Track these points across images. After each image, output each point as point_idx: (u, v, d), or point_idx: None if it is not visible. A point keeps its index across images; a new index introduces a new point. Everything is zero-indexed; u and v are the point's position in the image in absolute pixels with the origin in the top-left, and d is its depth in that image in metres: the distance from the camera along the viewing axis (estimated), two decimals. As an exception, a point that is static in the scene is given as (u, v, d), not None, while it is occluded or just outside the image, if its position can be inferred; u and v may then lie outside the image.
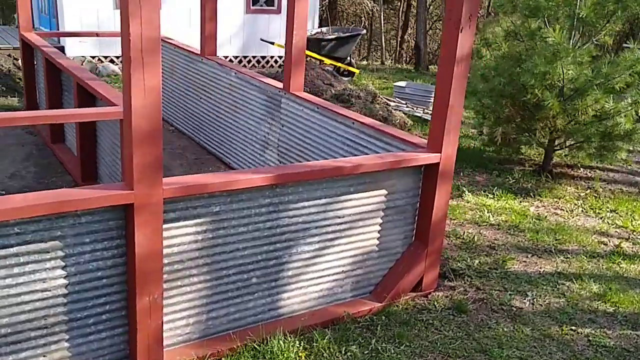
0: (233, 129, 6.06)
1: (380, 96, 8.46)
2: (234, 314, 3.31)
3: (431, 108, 9.30)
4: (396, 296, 3.79)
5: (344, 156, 4.46)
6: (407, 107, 9.22)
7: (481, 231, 5.01)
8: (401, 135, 4.01)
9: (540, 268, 4.41)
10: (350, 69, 12.76)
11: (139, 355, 2.90)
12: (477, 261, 4.40)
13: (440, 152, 3.68)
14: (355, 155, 4.27)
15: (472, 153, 7.15)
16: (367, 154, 4.15)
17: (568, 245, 4.86)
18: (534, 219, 5.35)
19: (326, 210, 3.44)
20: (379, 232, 3.73)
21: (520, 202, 5.82)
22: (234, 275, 3.23)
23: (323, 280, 3.60)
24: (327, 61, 12.17)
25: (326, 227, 3.48)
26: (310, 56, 11.94)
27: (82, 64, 10.67)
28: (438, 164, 3.70)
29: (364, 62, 18.37)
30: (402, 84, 10.43)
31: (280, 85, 5.20)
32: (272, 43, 12.18)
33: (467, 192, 5.87)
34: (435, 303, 3.80)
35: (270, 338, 3.24)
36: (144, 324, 2.86)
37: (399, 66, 17.92)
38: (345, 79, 12.82)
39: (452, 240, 4.76)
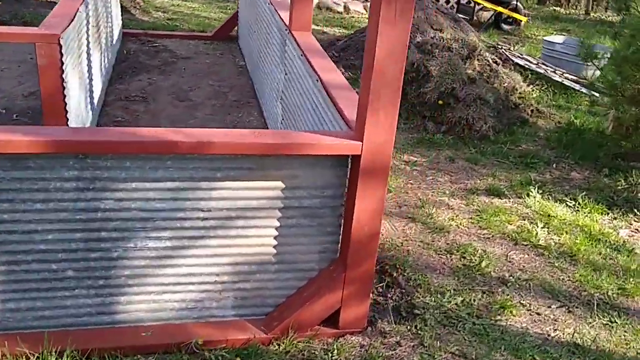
0: (264, 71, 5.15)
1: (488, 52, 6.80)
2: (43, 311, 2.57)
3: (585, 74, 7.35)
4: (296, 328, 2.72)
5: (309, 128, 3.35)
6: (546, 69, 7.34)
7: (510, 254, 3.57)
8: (344, 106, 2.78)
9: (559, 331, 2.94)
10: (516, 15, 10.74)
11: None
12: (460, 300, 3.07)
13: (362, 140, 2.44)
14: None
15: (586, 139, 5.34)
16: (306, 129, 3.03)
17: (634, 300, 3.24)
18: (612, 249, 3.71)
19: (178, 197, 2.47)
20: (276, 238, 2.66)
21: (612, 219, 4.11)
22: (35, 263, 2.46)
23: (184, 288, 2.67)
24: (489, 5, 10.35)
25: (181, 221, 2.52)
26: (463, -4, 10.25)
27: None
28: (359, 156, 2.47)
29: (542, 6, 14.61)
30: (557, 39, 8.38)
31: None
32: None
33: (535, 191, 4.31)
34: (335, 355, 2.65)
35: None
36: None
37: (598, 15, 14.53)
38: (507, 27, 10.88)
39: (451, 260, 3.43)
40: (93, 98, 4.67)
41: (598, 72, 6.46)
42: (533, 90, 6.65)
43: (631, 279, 3.41)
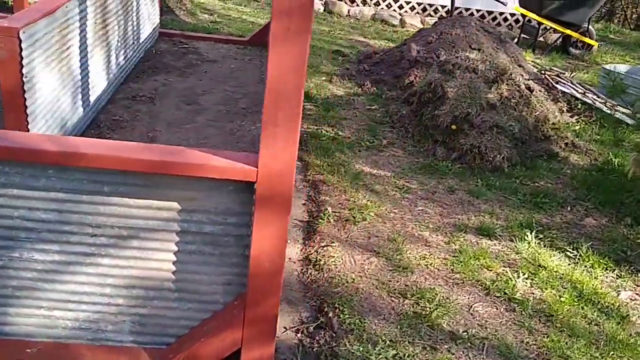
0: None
1: (530, 76, 6.27)
2: None
3: None
4: (193, 364, 2.48)
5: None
6: (594, 100, 6.70)
7: (475, 305, 3.15)
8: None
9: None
10: (587, 40, 10.01)
11: None
12: (391, 354, 2.71)
13: (257, 166, 2.16)
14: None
15: (614, 180, 4.76)
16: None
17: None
18: (601, 313, 3.22)
19: (63, 209, 2.29)
20: (174, 263, 2.43)
21: (617, 278, 3.60)
22: None
23: (77, 307, 2.48)
24: (556, 27, 9.68)
25: (69, 235, 2.34)
26: (526, 15, 9.64)
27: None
28: (252, 183, 2.19)
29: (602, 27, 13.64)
30: (619, 67, 7.67)
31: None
32: (505, 4, 10.17)
33: (531, 235, 3.85)
34: (222, 400, 2.38)
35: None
36: None
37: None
38: (576, 52, 10.15)
39: (402, 305, 3.06)
40: (88, 96, 4.63)
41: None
42: (576, 122, 6.08)
43: (612, 353, 2.93)
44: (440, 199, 4.28)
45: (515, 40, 9.43)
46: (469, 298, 3.21)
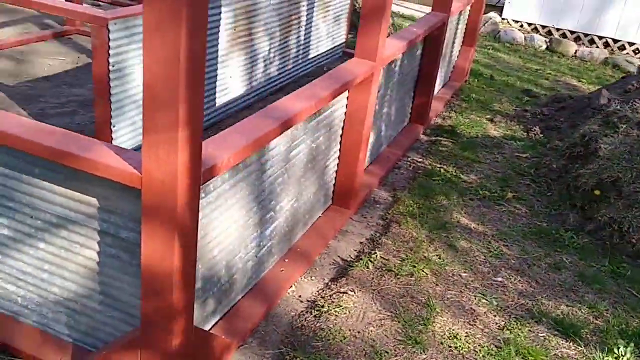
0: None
1: None
2: None
3: None
4: (102, 375, 2.30)
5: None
6: None
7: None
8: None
9: None
10: None
11: None
12: None
13: (140, 171, 1.89)
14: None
15: None
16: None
17: None
18: None
19: (5, 185, 2.30)
20: (98, 264, 2.29)
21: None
22: None
23: (24, 285, 2.48)
24: None
25: (12, 212, 2.34)
26: None
27: (484, 24, 9.60)
28: (138, 190, 1.92)
29: None
30: None
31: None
32: None
33: (628, 347, 2.82)
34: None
35: None
36: None
37: None
38: None
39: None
40: (213, 97, 4.77)
41: None
42: None
43: None
44: (535, 275, 3.43)
45: None
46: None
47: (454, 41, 6.21)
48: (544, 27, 9.71)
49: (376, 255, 3.35)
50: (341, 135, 3.60)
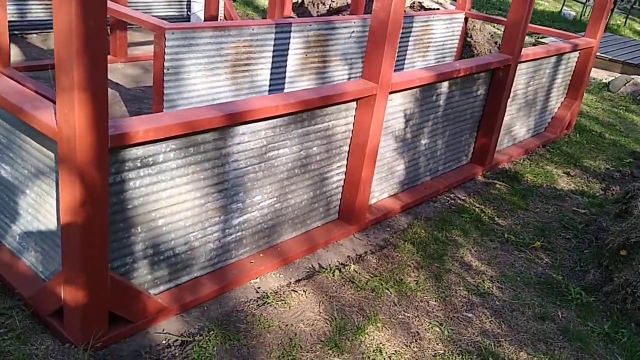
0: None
1: None
2: None
3: None
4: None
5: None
6: None
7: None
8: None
9: None
10: None
11: None
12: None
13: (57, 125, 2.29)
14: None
15: None
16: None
17: None
18: None
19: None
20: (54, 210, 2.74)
21: None
22: None
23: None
24: None
25: None
26: None
27: (625, 84, 8.92)
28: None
29: None
30: None
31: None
32: None
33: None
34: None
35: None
36: None
37: None
38: None
39: (272, 370, 2.56)
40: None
41: None
42: None
43: None
44: (512, 320, 3.24)
45: None
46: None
47: (548, 90, 5.99)
48: (698, 93, 8.76)
49: (349, 268, 3.44)
50: (348, 152, 3.77)
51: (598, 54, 10.44)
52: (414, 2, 9.50)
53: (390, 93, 3.75)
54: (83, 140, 2.24)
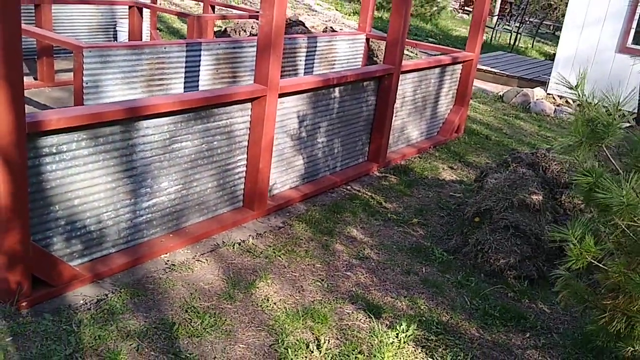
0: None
1: None
2: None
3: None
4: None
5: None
6: None
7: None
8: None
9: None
10: None
11: None
12: None
13: (-16, 118, 2.82)
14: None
15: None
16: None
17: None
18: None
19: None
20: None
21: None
22: None
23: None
24: None
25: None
26: None
27: (515, 96, 9.98)
28: None
29: None
30: None
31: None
32: None
33: (409, 328, 3.23)
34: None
35: None
36: None
37: None
38: None
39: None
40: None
41: None
42: None
43: None
44: (383, 275, 3.92)
45: None
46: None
47: (437, 98, 6.82)
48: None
49: (248, 242, 4.04)
50: (247, 147, 4.40)
51: (496, 70, 11.56)
52: (326, 27, 10.35)
53: (281, 96, 4.42)
54: (3, 123, 2.78)
